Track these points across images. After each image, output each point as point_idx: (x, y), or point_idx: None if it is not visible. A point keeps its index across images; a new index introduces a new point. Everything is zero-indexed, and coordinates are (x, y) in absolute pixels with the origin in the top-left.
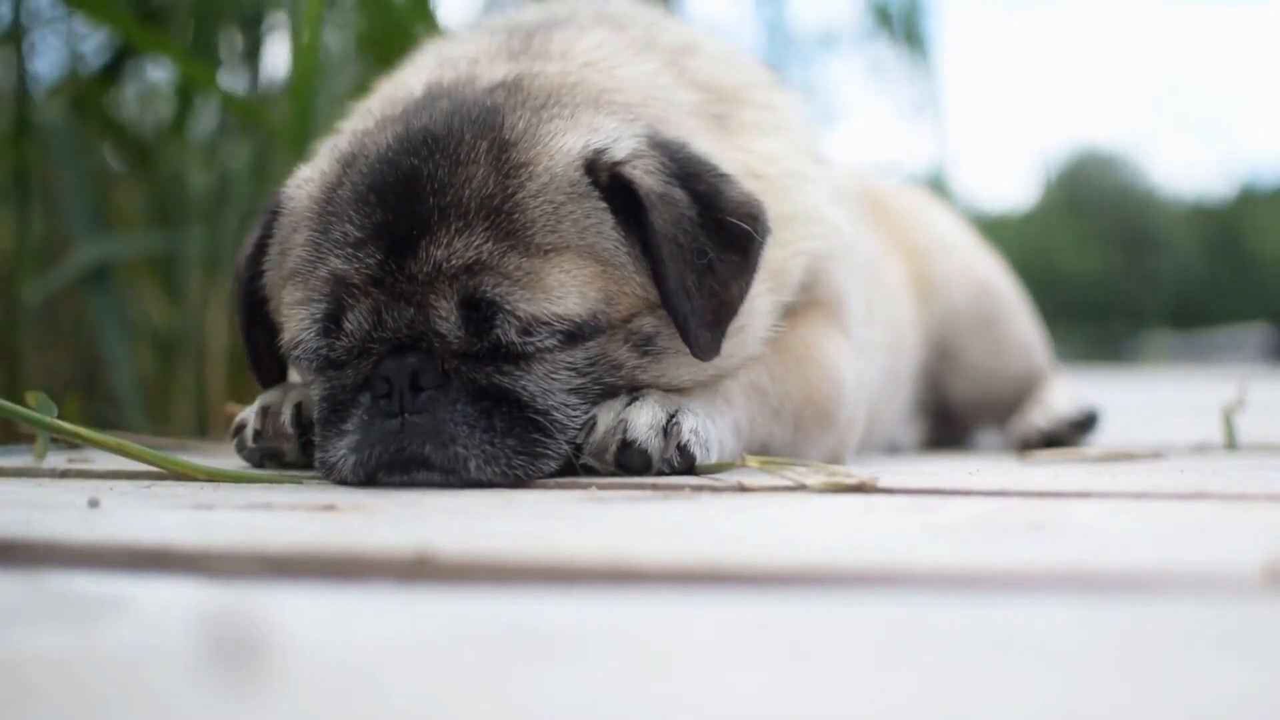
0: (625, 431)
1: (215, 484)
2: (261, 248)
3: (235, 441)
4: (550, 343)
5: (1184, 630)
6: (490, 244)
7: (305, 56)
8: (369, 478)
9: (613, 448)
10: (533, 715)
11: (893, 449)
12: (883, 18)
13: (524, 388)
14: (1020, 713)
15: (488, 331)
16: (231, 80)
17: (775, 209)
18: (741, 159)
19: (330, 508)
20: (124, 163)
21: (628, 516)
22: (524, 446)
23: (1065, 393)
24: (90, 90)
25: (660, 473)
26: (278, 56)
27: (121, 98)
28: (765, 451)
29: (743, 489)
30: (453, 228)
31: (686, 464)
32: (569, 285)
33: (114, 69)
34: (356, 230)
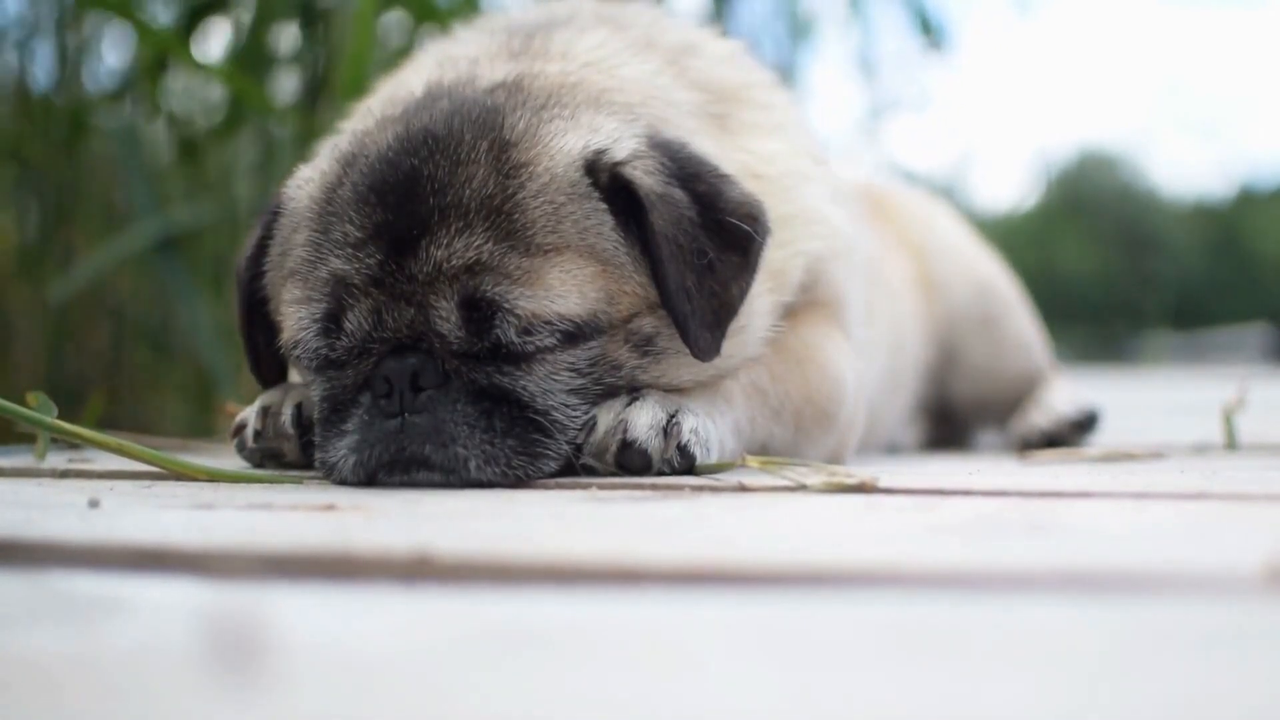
0: (625, 431)
1: (215, 484)
2: (262, 248)
3: (235, 441)
4: (550, 343)
5: (1184, 630)
6: (490, 244)
7: (356, 61)
8: (369, 478)
9: (613, 448)
10: (532, 715)
11: (893, 449)
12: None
13: (524, 388)
14: (1020, 713)
15: (488, 331)
16: (288, 78)
17: (775, 209)
18: (741, 159)
19: (330, 508)
20: (174, 153)
21: (628, 516)
22: (524, 447)
23: (1065, 393)
24: (141, 79)
25: (660, 473)
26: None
27: (173, 89)
28: (765, 451)
29: (743, 489)
30: (453, 228)
31: (687, 464)
32: (569, 285)
33: (165, 59)
34: (357, 230)
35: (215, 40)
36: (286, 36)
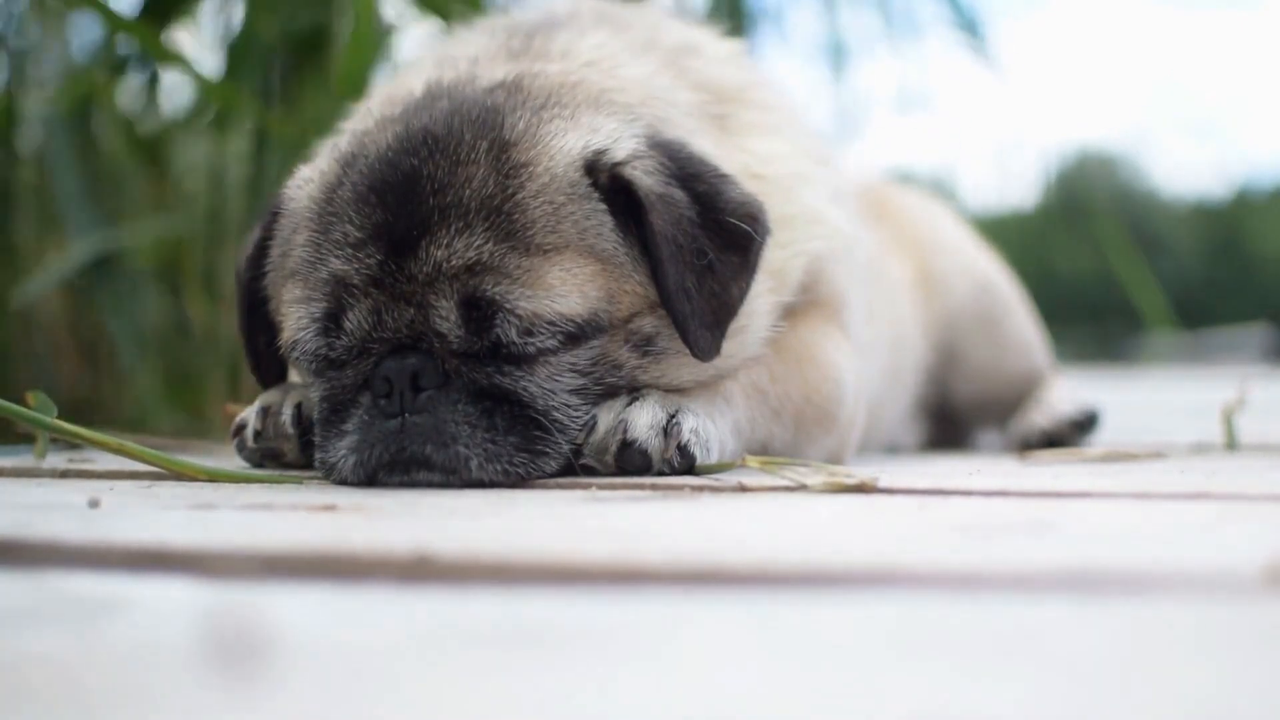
0: (625, 431)
1: (215, 484)
2: (262, 248)
3: (235, 442)
4: (551, 343)
5: (1184, 630)
6: (490, 244)
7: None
8: (369, 478)
9: (613, 448)
10: (533, 714)
11: (893, 449)
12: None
13: (525, 388)
14: (1020, 713)
15: (488, 331)
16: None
17: (775, 209)
18: (741, 159)
19: (330, 508)
20: (133, 159)
21: (628, 516)
22: (525, 445)
23: (1065, 393)
24: (100, 84)
25: (660, 473)
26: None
27: (131, 88)
28: (765, 451)
29: (743, 489)
30: (453, 228)
31: (687, 464)
32: (570, 285)
33: (125, 60)
34: (356, 230)
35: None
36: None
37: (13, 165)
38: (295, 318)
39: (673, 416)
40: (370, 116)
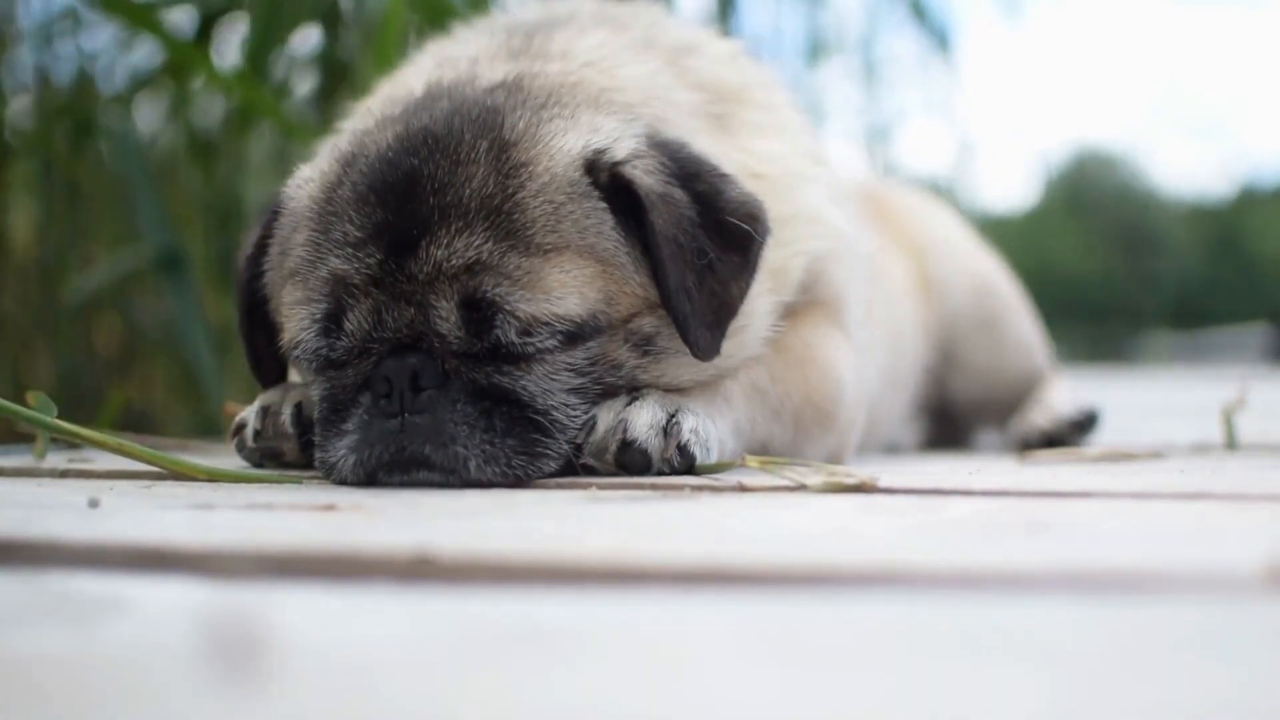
0: (625, 431)
1: (215, 484)
2: (261, 248)
3: (235, 441)
4: (550, 343)
5: (1184, 630)
6: (490, 244)
7: (383, 61)
8: (369, 477)
9: (613, 447)
10: (533, 715)
11: (893, 449)
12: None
13: (524, 388)
14: (1019, 713)
15: (488, 331)
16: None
17: (775, 209)
18: (741, 159)
19: (330, 508)
20: (186, 153)
21: (628, 516)
22: (524, 446)
23: (1065, 393)
24: (161, 81)
25: (660, 473)
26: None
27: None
28: (765, 451)
29: (743, 489)
30: (453, 227)
31: (686, 464)
32: (569, 285)
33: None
34: (356, 230)
35: (233, 39)
36: (305, 37)
37: (90, 171)
38: (297, 319)
39: (672, 416)
40: (370, 116)
